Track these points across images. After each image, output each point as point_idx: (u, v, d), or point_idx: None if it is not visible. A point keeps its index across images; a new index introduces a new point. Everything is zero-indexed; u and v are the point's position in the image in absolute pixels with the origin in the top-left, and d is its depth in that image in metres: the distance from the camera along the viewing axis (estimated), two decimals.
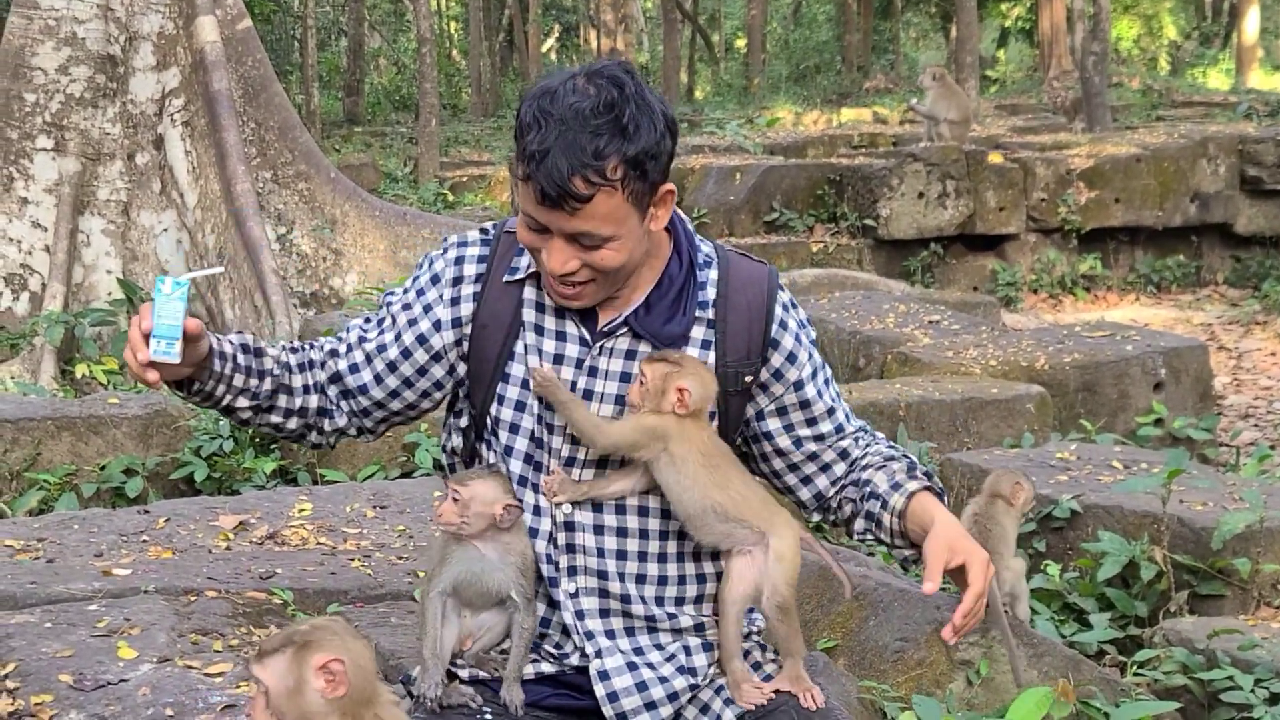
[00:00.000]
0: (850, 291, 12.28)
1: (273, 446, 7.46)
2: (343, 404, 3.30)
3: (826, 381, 3.25)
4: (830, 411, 3.24)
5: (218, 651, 4.16)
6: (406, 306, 3.24)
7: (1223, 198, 17.57)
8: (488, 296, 3.16)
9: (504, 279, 3.15)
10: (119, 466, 7.18)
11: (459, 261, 3.21)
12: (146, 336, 3.00)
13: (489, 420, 3.19)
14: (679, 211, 3.17)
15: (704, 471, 3.02)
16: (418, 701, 3.09)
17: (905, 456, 3.28)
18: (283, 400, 3.27)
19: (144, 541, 5.33)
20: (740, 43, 51.32)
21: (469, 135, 31.41)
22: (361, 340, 3.28)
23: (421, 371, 3.23)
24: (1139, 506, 5.96)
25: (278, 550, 5.28)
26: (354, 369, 3.26)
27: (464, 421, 3.27)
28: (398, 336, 3.23)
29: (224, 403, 3.21)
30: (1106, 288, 17.25)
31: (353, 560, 5.14)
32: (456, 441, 3.30)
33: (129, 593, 4.69)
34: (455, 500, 3.03)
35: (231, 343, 3.21)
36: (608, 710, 3.11)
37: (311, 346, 3.35)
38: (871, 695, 4.33)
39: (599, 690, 3.11)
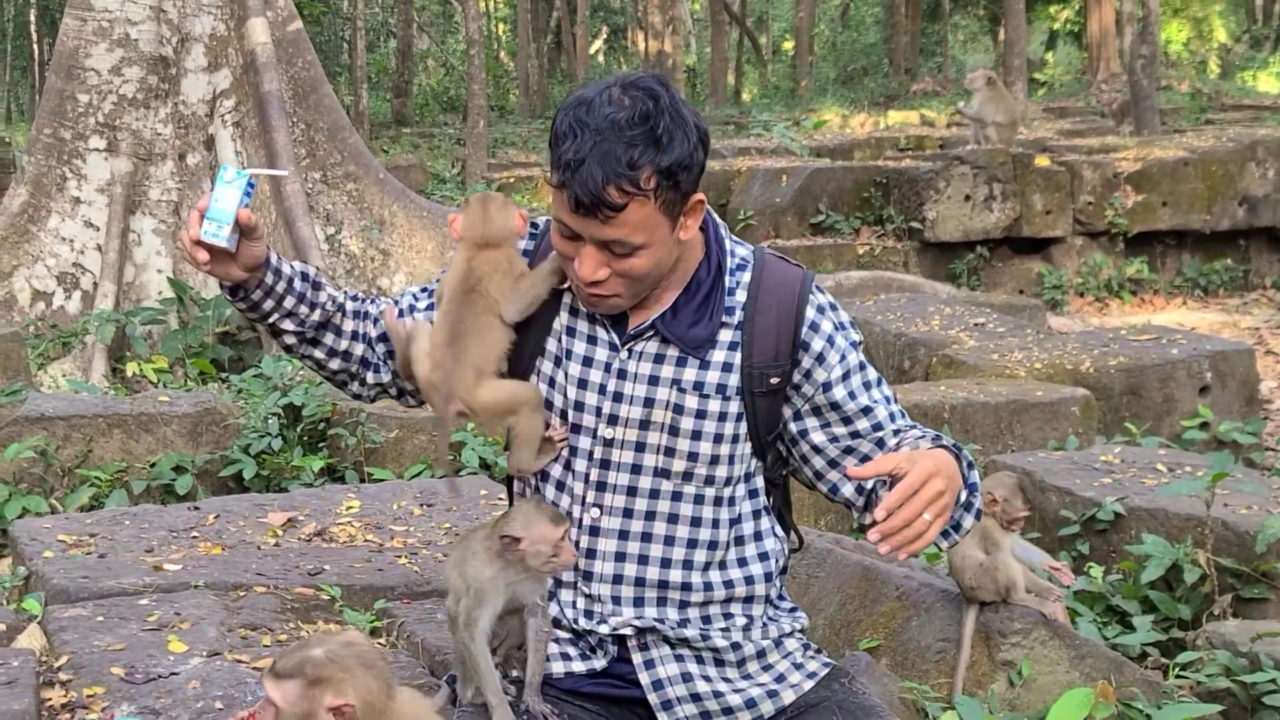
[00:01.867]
0: (896, 294, 12.27)
1: (320, 445, 7.52)
2: (389, 362, 3.34)
3: (867, 384, 3.19)
4: (866, 410, 3.17)
5: (266, 646, 4.20)
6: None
7: (1271, 201, 17.47)
8: None
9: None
10: (169, 464, 7.25)
11: None
12: (202, 218, 3.04)
13: None
14: (713, 215, 3.20)
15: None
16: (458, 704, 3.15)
17: (940, 438, 3.15)
18: (329, 338, 3.30)
19: (194, 537, 5.39)
20: (788, 45, 51.26)
21: (516, 137, 31.46)
22: (412, 308, 3.35)
23: None
24: (1183, 510, 5.94)
25: (325, 547, 5.33)
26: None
27: None
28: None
29: (270, 319, 3.23)
30: (1153, 291, 17.17)
31: (399, 557, 5.18)
32: None
33: (179, 588, 4.75)
34: (511, 542, 3.05)
35: (293, 266, 3.24)
36: (653, 698, 3.15)
37: (370, 301, 3.40)
38: (913, 695, 4.35)
39: (644, 679, 3.15)
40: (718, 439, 3.10)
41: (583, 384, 3.13)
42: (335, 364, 3.33)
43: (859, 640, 4.74)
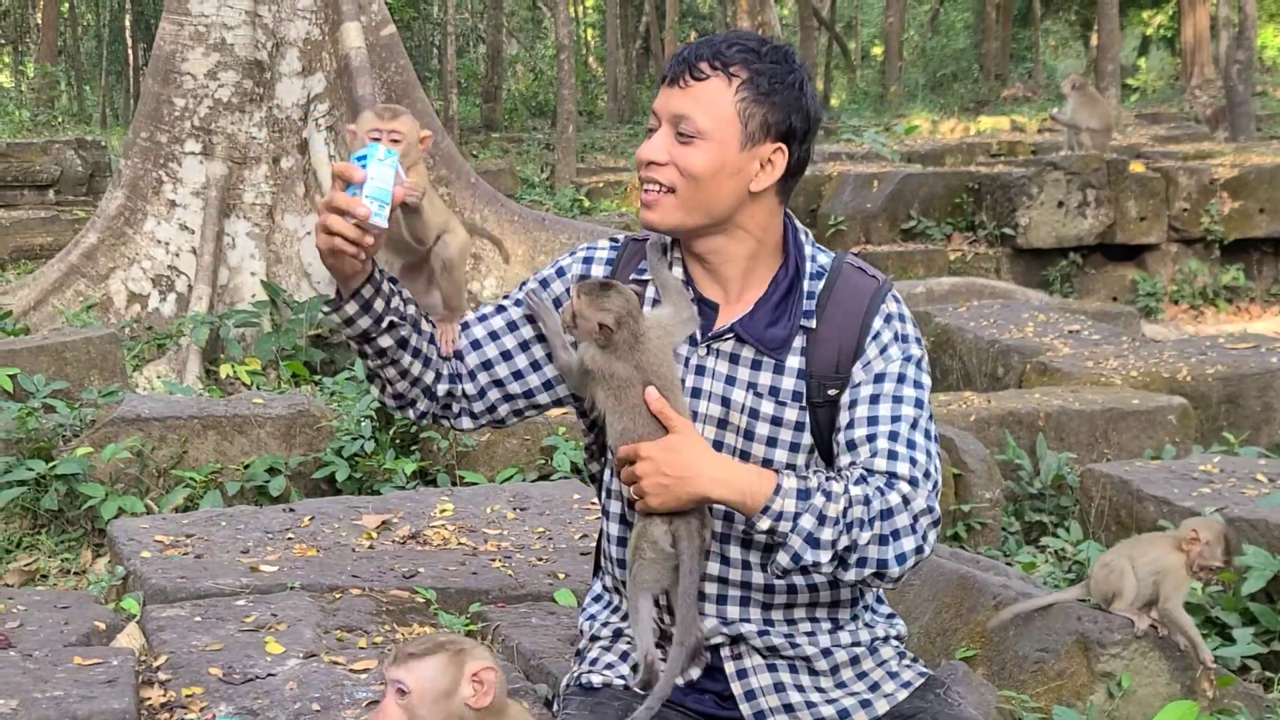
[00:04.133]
0: (988, 300, 12.19)
1: (413, 448, 7.54)
2: (460, 384, 3.30)
3: (897, 399, 3.00)
4: (871, 420, 2.98)
5: (362, 648, 4.22)
6: (527, 315, 3.29)
7: None
8: None
9: (632, 277, 3.19)
10: (262, 465, 7.30)
11: (586, 262, 3.28)
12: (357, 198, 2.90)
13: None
14: (794, 220, 3.20)
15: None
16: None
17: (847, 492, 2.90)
18: (406, 358, 3.19)
19: (289, 539, 5.42)
20: (877, 50, 51.07)
21: (605, 142, 31.52)
22: (482, 318, 3.31)
23: (535, 366, 3.28)
24: None
25: (420, 550, 5.35)
26: (475, 345, 3.29)
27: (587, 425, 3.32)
28: (514, 326, 3.28)
29: (382, 321, 3.10)
30: (1249, 299, 16.96)
31: (493, 561, 5.20)
32: (589, 443, 3.35)
33: (275, 589, 4.78)
34: None
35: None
36: (745, 709, 3.12)
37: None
38: (1011, 705, 4.31)
39: (737, 689, 3.12)
40: (793, 448, 3.07)
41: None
42: (417, 369, 3.21)
43: (955, 649, 4.70)
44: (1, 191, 19.42)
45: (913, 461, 2.93)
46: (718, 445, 3.05)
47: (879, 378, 3.02)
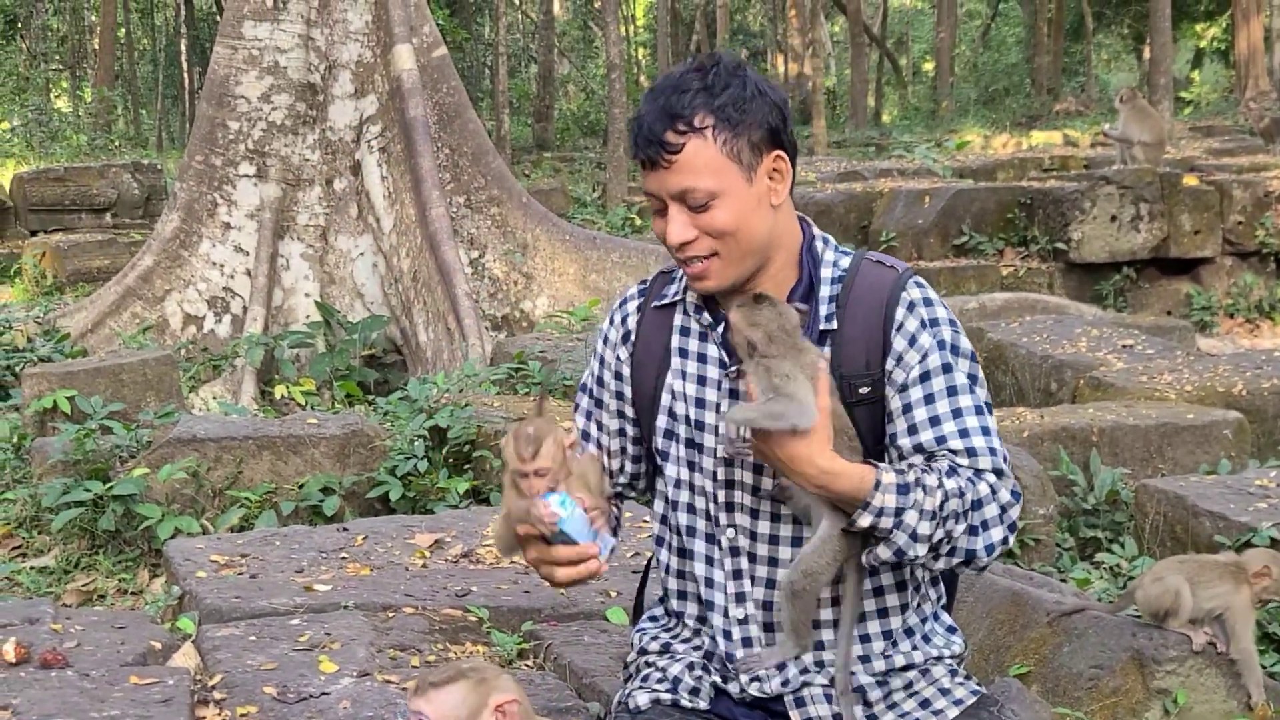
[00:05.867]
0: (1041, 315, 12.12)
1: (466, 467, 7.56)
2: (618, 479, 3.37)
3: (951, 390, 3.01)
4: (934, 421, 3.00)
5: (415, 667, 4.24)
6: (600, 384, 3.36)
7: None
8: (642, 331, 3.25)
9: (654, 304, 3.23)
10: (317, 485, 7.33)
11: (623, 320, 3.32)
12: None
13: (655, 454, 3.25)
14: (813, 228, 3.19)
15: None
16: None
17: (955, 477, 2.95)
18: None
19: (343, 558, 5.45)
20: (928, 66, 50.99)
21: None
22: (585, 435, 3.35)
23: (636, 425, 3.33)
24: None
25: (472, 569, 5.37)
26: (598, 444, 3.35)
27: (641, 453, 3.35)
28: (601, 423, 3.36)
29: None
30: None
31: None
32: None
33: (329, 608, 4.80)
34: None
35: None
36: None
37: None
38: None
39: (795, 717, 3.11)
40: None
41: (700, 403, 3.14)
42: None
43: (1009, 666, 4.68)
44: (59, 215, 19.66)
45: (992, 451, 2.98)
46: (759, 465, 3.05)
47: (924, 378, 3.01)
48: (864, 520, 2.86)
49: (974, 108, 38.34)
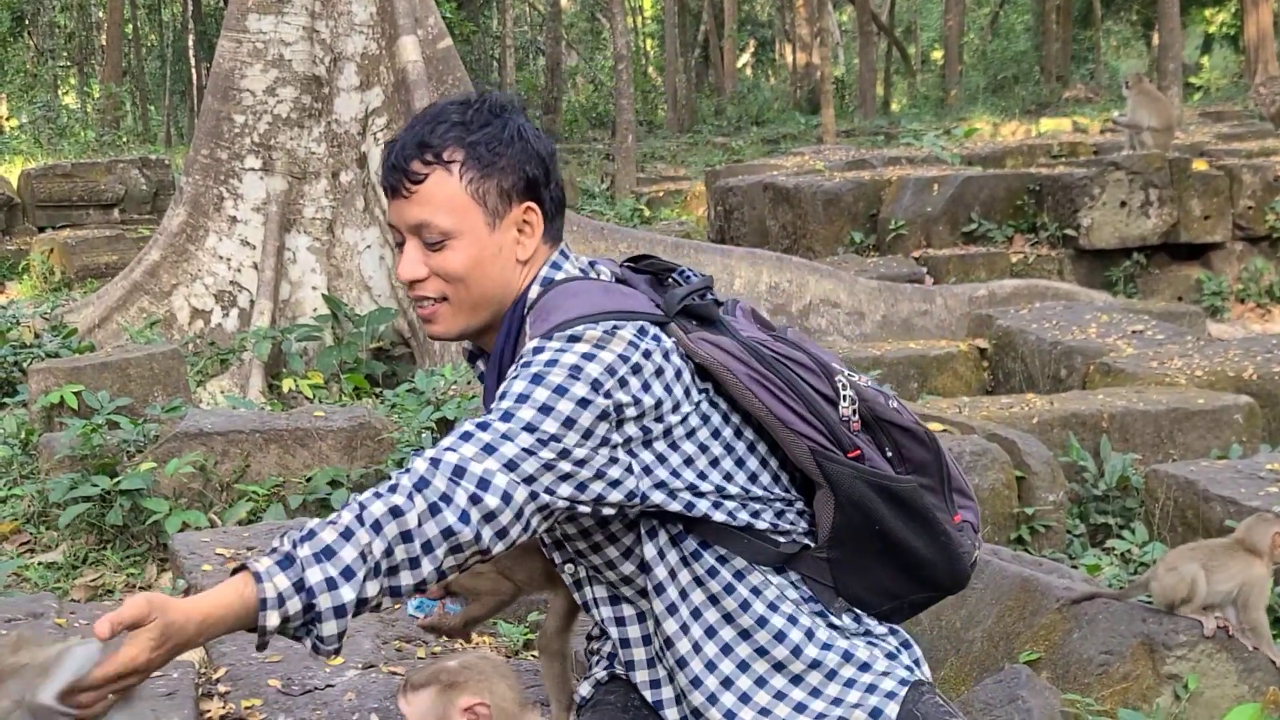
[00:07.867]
0: (1051, 302, 12.09)
1: None
2: None
3: (505, 406, 2.61)
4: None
5: (420, 659, 4.23)
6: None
7: None
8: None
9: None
10: (324, 478, 7.31)
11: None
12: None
13: None
14: (564, 250, 2.96)
15: None
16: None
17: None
18: None
19: None
20: (936, 54, 50.93)
21: (665, 151, 31.58)
22: None
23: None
24: None
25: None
26: None
27: None
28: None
29: None
30: None
31: None
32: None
33: None
34: None
35: None
36: None
37: None
38: (1075, 709, 4.26)
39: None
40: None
41: None
42: None
43: (1019, 653, 4.66)
44: (67, 211, 19.69)
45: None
46: None
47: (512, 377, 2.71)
48: (272, 620, 2.48)
49: (983, 96, 38.30)
